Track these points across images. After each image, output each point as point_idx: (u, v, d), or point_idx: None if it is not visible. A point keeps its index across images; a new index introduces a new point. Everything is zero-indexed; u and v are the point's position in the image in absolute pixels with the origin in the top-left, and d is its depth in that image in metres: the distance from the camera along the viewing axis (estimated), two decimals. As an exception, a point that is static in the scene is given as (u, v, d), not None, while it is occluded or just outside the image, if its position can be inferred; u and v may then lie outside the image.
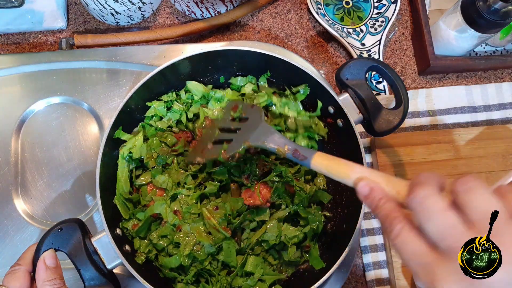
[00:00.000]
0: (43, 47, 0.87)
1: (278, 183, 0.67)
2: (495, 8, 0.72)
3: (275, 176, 0.67)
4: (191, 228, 0.64)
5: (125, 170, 0.67)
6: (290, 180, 0.67)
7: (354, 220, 0.62)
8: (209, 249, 0.63)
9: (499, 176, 0.76)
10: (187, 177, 0.67)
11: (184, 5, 0.86)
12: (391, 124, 0.65)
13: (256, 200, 0.65)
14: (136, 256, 0.64)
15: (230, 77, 0.74)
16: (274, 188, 0.66)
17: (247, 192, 0.67)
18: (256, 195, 0.65)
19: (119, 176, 0.67)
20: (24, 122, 0.77)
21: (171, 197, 0.66)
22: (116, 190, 0.66)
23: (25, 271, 0.54)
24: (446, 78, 0.90)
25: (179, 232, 0.64)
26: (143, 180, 0.68)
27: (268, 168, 0.69)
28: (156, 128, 0.71)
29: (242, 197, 0.66)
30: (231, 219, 0.65)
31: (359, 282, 0.78)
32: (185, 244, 0.63)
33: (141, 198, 0.67)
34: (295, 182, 0.68)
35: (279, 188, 0.67)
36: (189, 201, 0.66)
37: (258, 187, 0.66)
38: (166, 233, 0.65)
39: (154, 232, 0.66)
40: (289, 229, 0.66)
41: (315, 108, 0.70)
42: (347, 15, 0.90)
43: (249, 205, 0.66)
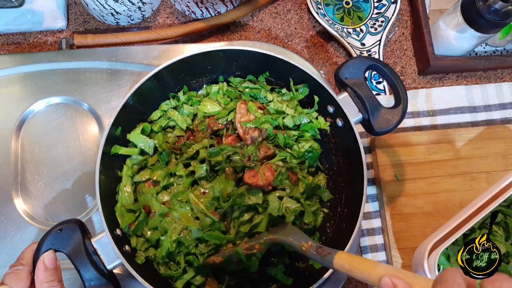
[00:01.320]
0: (43, 47, 0.87)
1: (282, 168, 0.67)
2: (495, 8, 0.72)
3: (279, 161, 0.67)
4: (179, 214, 0.64)
5: (128, 179, 0.67)
6: (294, 167, 0.68)
7: (353, 219, 0.62)
8: (196, 234, 0.62)
9: (499, 176, 0.76)
10: (178, 165, 0.67)
11: (184, 5, 0.86)
12: (391, 122, 0.65)
13: (259, 181, 0.65)
14: (136, 256, 0.64)
15: (230, 76, 0.74)
16: (278, 172, 0.66)
17: (251, 171, 0.66)
18: (259, 175, 0.65)
19: (121, 187, 0.67)
20: (24, 122, 0.77)
21: (163, 187, 0.66)
22: (118, 202, 0.66)
23: (27, 271, 0.54)
24: (446, 78, 0.90)
25: (166, 218, 0.64)
26: (141, 177, 0.67)
27: (272, 152, 0.69)
28: (163, 126, 0.71)
29: (245, 177, 0.66)
30: (221, 203, 0.64)
31: (359, 282, 0.78)
32: (172, 230, 0.63)
33: (138, 197, 0.67)
34: (298, 170, 0.68)
35: (283, 173, 0.67)
36: (180, 189, 0.66)
37: (262, 168, 0.66)
38: (155, 225, 0.64)
39: (145, 227, 0.65)
40: (290, 202, 0.66)
41: (313, 106, 0.71)
42: (347, 15, 0.90)
43: (250, 184, 0.65)
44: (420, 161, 0.80)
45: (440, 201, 0.79)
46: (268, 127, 0.70)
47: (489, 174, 0.80)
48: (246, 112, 0.70)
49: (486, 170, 0.80)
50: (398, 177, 0.79)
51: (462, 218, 0.67)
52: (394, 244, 0.76)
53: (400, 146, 0.81)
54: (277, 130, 0.71)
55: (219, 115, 0.71)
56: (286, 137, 0.70)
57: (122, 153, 0.67)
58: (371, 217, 0.80)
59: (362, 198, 0.62)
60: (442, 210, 0.78)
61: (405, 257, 0.76)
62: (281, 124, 0.71)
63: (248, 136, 0.70)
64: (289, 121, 0.70)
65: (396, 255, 0.76)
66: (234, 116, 0.71)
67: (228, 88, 0.73)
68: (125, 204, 0.66)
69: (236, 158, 0.68)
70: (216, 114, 0.72)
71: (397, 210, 0.78)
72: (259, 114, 0.70)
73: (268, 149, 0.69)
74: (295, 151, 0.69)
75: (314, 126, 0.71)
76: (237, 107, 0.71)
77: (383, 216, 0.79)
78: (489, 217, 0.70)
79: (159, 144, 0.68)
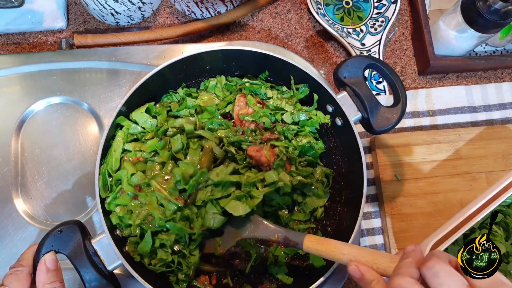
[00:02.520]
0: (43, 47, 0.87)
1: (284, 155, 0.67)
2: (495, 8, 0.72)
3: (283, 147, 0.68)
4: (145, 199, 0.62)
5: (120, 144, 0.65)
6: (294, 158, 0.68)
7: (353, 219, 0.62)
8: (159, 221, 0.61)
9: (499, 176, 0.76)
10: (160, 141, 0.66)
11: (184, 5, 0.86)
12: (390, 121, 0.65)
13: (262, 156, 0.65)
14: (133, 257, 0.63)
15: (229, 76, 0.74)
16: (279, 158, 0.66)
17: (255, 146, 0.66)
18: (264, 151, 0.65)
19: (111, 150, 0.65)
20: (24, 122, 0.77)
21: (144, 162, 0.65)
22: (104, 164, 0.64)
23: (27, 273, 0.54)
24: (446, 78, 0.90)
25: (134, 201, 0.62)
26: (132, 146, 0.66)
27: (276, 137, 0.69)
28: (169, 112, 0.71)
29: (248, 149, 0.66)
30: (184, 187, 0.62)
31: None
32: (137, 214, 0.61)
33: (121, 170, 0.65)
34: (297, 163, 0.68)
35: (282, 160, 0.67)
36: (156, 167, 0.64)
37: (268, 145, 0.66)
38: (124, 203, 0.62)
39: (115, 201, 0.63)
40: (285, 176, 0.65)
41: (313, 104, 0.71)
42: (347, 15, 0.90)
43: (251, 157, 0.66)
44: (420, 161, 0.80)
45: (440, 201, 0.79)
46: (266, 121, 0.70)
47: (489, 174, 0.80)
48: (245, 105, 0.70)
49: (486, 170, 0.80)
50: (398, 177, 0.79)
51: (462, 218, 0.67)
52: (394, 244, 0.76)
53: (400, 146, 0.81)
54: (275, 123, 0.71)
55: (218, 106, 0.71)
56: (285, 129, 0.70)
57: (126, 125, 0.67)
58: (371, 217, 0.81)
59: (362, 198, 0.62)
60: (442, 210, 0.78)
61: (405, 257, 0.76)
62: (280, 120, 0.71)
63: (245, 128, 0.70)
64: (288, 117, 0.71)
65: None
66: (233, 109, 0.71)
67: (227, 82, 0.73)
68: (109, 169, 0.64)
69: (227, 133, 0.67)
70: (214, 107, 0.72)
71: (397, 210, 0.78)
72: (258, 108, 0.70)
73: (273, 134, 0.69)
74: (293, 145, 0.70)
75: (314, 122, 0.71)
76: (236, 100, 0.71)
77: (383, 216, 0.79)
78: (489, 217, 0.70)
79: (160, 121, 0.68)
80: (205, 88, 0.74)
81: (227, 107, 0.71)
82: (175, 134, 0.67)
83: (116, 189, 0.63)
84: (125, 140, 0.66)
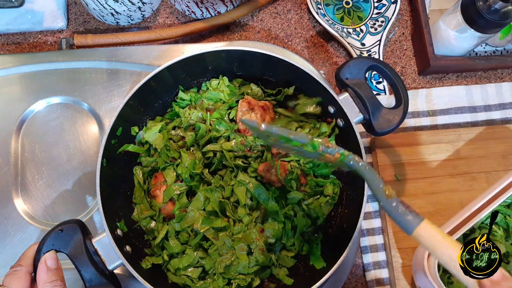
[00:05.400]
0: (43, 47, 0.87)
1: (297, 169, 0.67)
2: (495, 8, 0.72)
3: (295, 161, 0.68)
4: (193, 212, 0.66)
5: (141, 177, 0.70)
6: (307, 170, 0.68)
7: (354, 219, 0.62)
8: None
9: (499, 176, 0.76)
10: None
11: (184, 5, 0.86)
12: (392, 123, 0.65)
13: (272, 176, 0.66)
14: (142, 261, 0.64)
15: (230, 76, 0.74)
16: (292, 173, 0.67)
17: (265, 164, 0.67)
18: (275, 170, 0.66)
19: (137, 182, 0.70)
20: (24, 122, 0.77)
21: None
22: (134, 194, 0.70)
23: (26, 272, 0.54)
24: (446, 78, 0.90)
25: (183, 213, 0.66)
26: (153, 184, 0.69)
27: (285, 153, 0.69)
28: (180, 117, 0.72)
29: (259, 169, 0.67)
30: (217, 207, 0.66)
31: (359, 282, 0.78)
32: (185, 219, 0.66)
33: (149, 186, 0.69)
34: (312, 175, 0.69)
35: (294, 174, 0.67)
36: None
37: (278, 163, 0.66)
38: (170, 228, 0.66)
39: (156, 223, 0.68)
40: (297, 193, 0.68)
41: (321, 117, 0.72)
42: (347, 15, 0.90)
43: (263, 176, 0.67)
44: (420, 161, 0.80)
45: (440, 201, 0.79)
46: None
47: (489, 174, 0.80)
48: (248, 111, 0.70)
49: (486, 170, 0.80)
50: (398, 177, 0.79)
51: (462, 218, 0.67)
52: (394, 244, 0.77)
53: (400, 146, 0.81)
54: None
55: (221, 105, 0.72)
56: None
57: (131, 150, 0.69)
58: (371, 217, 0.81)
59: (363, 199, 0.61)
60: (442, 210, 0.78)
61: (405, 257, 0.76)
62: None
63: (249, 134, 0.70)
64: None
65: (396, 255, 0.76)
66: (236, 114, 0.71)
67: (230, 84, 0.74)
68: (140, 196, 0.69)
69: (237, 149, 0.69)
70: (219, 102, 0.73)
71: (397, 210, 0.78)
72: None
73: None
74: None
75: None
76: (239, 105, 0.71)
77: (383, 216, 0.79)
78: (489, 217, 0.70)
79: (161, 139, 0.69)
80: (207, 89, 0.74)
81: (231, 114, 0.72)
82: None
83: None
84: (144, 178, 0.70)
